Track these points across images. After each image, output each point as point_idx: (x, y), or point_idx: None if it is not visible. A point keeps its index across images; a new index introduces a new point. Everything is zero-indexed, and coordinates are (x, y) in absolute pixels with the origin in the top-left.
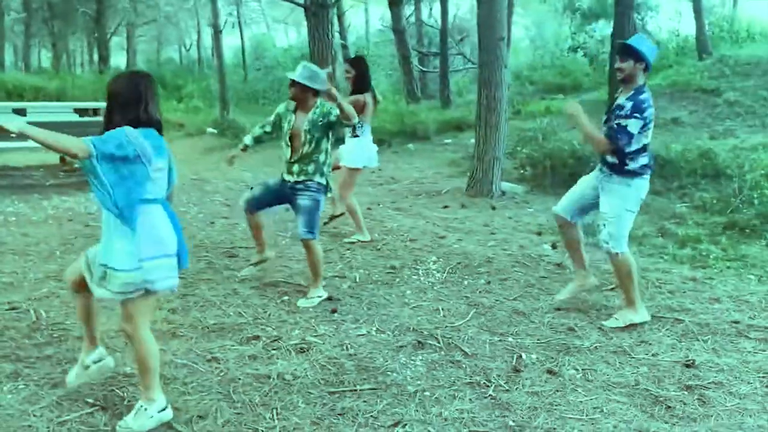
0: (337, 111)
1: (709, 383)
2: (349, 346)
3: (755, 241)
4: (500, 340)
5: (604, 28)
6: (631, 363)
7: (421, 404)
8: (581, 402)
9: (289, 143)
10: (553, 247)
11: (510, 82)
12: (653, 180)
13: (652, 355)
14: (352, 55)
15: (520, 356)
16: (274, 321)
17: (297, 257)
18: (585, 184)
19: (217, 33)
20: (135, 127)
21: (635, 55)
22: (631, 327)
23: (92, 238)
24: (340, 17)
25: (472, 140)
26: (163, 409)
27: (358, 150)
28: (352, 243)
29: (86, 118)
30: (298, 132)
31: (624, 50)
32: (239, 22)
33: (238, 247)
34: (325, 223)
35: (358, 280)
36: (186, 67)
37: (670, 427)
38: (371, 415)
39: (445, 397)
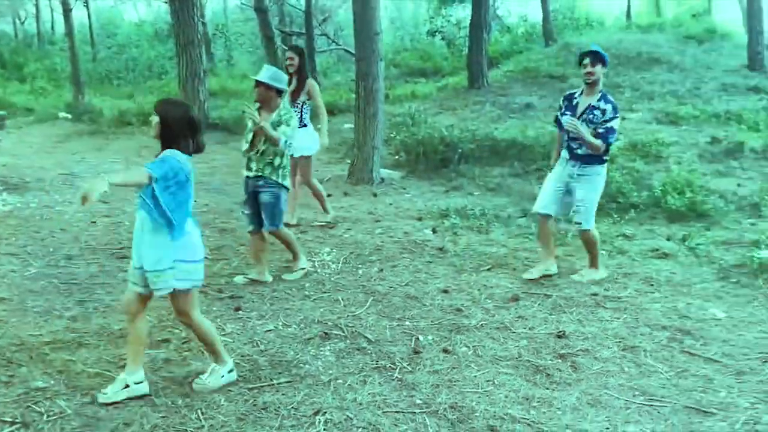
0: (295, 120)
1: (578, 351)
2: (259, 342)
3: (604, 219)
4: (398, 325)
5: (459, 12)
6: (512, 338)
7: (337, 392)
8: (475, 377)
9: (250, 140)
10: (434, 231)
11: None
12: (512, 164)
13: (529, 328)
14: (211, 33)
15: (418, 338)
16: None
17: None
18: (553, 180)
19: (67, 11)
20: (185, 152)
21: (603, 61)
22: (511, 303)
23: None
24: None
25: (346, 125)
26: (231, 370)
27: (309, 138)
28: None
29: None
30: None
31: (594, 56)
32: None
33: (127, 248)
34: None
35: (256, 275)
36: (24, 42)
37: (551, 393)
38: (292, 407)
39: (356, 383)
